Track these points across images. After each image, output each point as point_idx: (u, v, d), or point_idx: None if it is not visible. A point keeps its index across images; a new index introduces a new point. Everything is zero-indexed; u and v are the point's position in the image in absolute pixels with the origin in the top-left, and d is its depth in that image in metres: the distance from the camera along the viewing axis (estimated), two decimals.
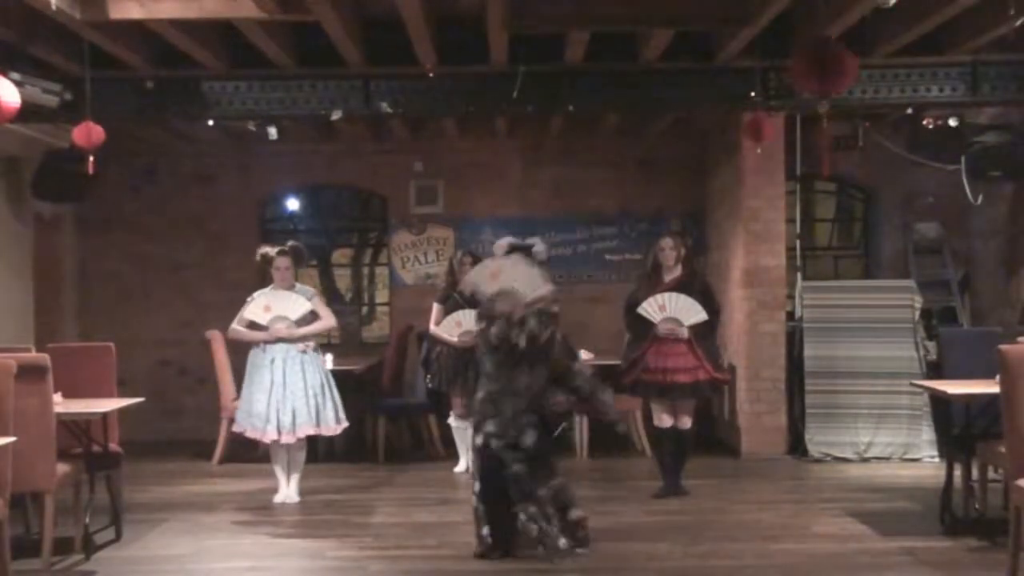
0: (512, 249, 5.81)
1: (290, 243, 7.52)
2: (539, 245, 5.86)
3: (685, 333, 7.14)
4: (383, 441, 8.95)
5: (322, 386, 7.27)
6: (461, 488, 7.56)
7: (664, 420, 7.34)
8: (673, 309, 7.16)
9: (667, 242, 7.37)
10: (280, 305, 7.26)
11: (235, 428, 7.52)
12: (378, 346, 10.67)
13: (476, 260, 5.83)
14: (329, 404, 7.28)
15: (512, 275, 5.75)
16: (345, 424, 7.44)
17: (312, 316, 7.34)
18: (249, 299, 7.39)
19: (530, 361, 5.72)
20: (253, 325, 7.28)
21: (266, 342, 7.21)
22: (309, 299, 7.36)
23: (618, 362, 7.62)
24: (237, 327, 7.36)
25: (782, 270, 9.13)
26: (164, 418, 9.89)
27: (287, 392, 7.13)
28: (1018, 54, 7.56)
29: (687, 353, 7.16)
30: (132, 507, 6.95)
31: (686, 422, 7.34)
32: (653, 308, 7.19)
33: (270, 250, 7.43)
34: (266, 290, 7.39)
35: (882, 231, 10.71)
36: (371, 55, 7.45)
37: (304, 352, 7.25)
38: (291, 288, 7.35)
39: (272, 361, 7.18)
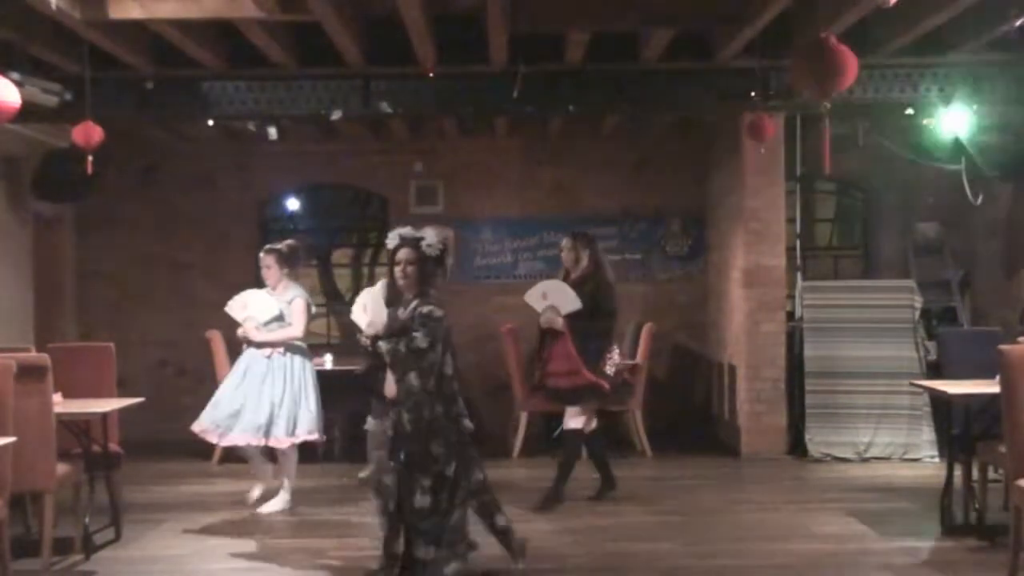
0: (401, 242, 5.30)
1: (287, 241, 7.38)
2: (430, 237, 5.19)
3: (560, 323, 6.84)
4: None
5: (281, 398, 6.92)
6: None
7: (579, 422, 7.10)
8: (553, 297, 6.93)
9: (564, 243, 7.23)
10: (255, 305, 7.12)
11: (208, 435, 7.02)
12: None
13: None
14: (283, 417, 6.89)
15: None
16: (298, 440, 6.94)
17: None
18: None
19: None
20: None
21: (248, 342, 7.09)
22: (290, 301, 7.09)
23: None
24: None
25: (782, 270, 9.13)
26: (164, 418, 9.85)
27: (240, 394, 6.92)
28: (1018, 54, 7.55)
29: (565, 356, 6.86)
30: (132, 507, 6.94)
31: (572, 423, 7.08)
32: (536, 296, 7.00)
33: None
34: (262, 290, 7.31)
35: (882, 231, 10.71)
36: (371, 55, 7.44)
37: (268, 358, 6.99)
38: (274, 288, 7.17)
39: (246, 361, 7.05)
